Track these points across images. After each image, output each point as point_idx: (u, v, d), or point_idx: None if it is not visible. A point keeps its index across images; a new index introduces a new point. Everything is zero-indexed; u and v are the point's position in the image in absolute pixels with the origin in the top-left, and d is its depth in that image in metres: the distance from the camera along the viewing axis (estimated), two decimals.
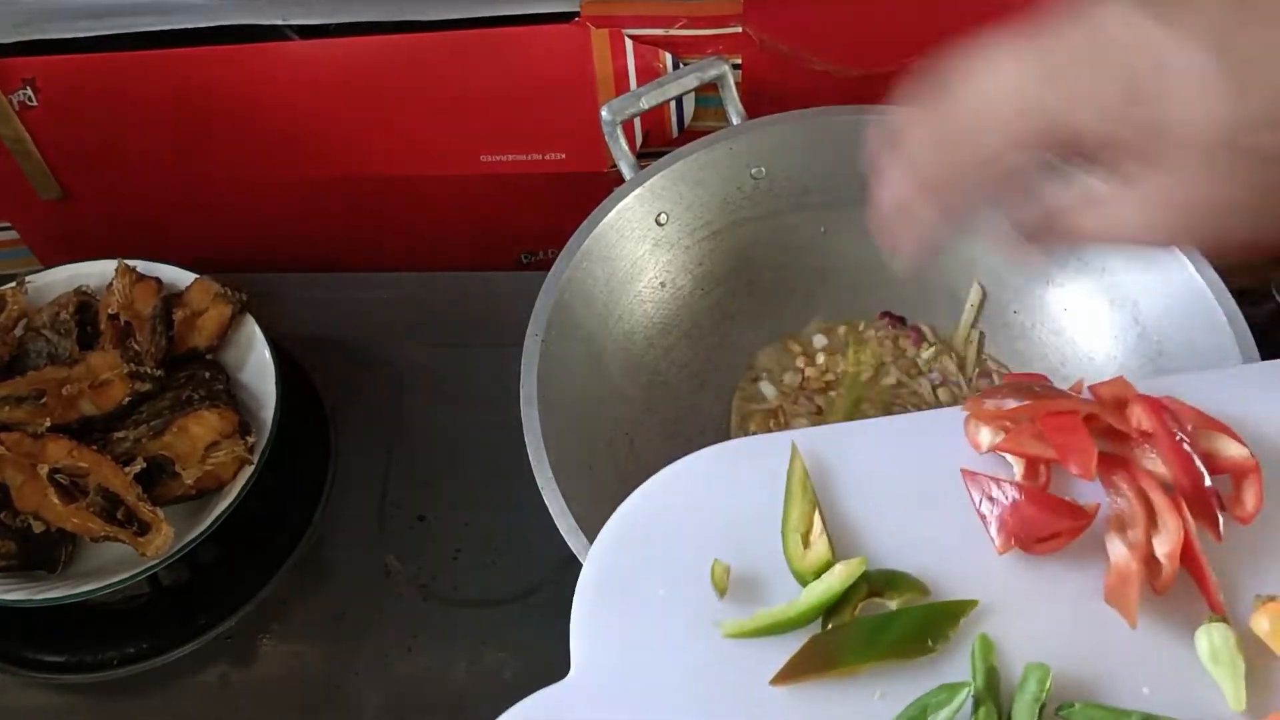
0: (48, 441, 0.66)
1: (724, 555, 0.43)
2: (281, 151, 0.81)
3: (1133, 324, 0.66)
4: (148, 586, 0.69)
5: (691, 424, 0.71)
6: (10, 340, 0.73)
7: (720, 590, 0.43)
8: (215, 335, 0.73)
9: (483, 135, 0.80)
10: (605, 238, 0.67)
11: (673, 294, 0.72)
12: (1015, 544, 0.43)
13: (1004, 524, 0.43)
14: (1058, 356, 0.70)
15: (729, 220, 0.72)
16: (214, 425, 0.67)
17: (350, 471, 0.73)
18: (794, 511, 0.44)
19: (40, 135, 0.79)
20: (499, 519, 0.70)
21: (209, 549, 0.67)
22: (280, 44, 0.74)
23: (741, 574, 0.43)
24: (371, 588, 0.68)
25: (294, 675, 0.65)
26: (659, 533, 0.45)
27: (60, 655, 0.67)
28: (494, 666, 0.65)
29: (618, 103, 0.69)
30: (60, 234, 0.87)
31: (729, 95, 0.70)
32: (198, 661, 0.66)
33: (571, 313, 0.65)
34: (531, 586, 0.68)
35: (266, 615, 0.68)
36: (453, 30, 0.73)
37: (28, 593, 0.63)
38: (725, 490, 0.46)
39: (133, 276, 0.74)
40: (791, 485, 0.45)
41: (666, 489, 0.47)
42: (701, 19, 0.73)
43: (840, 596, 0.41)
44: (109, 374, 0.69)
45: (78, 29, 0.73)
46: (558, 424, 0.60)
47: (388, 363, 0.79)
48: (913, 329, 0.74)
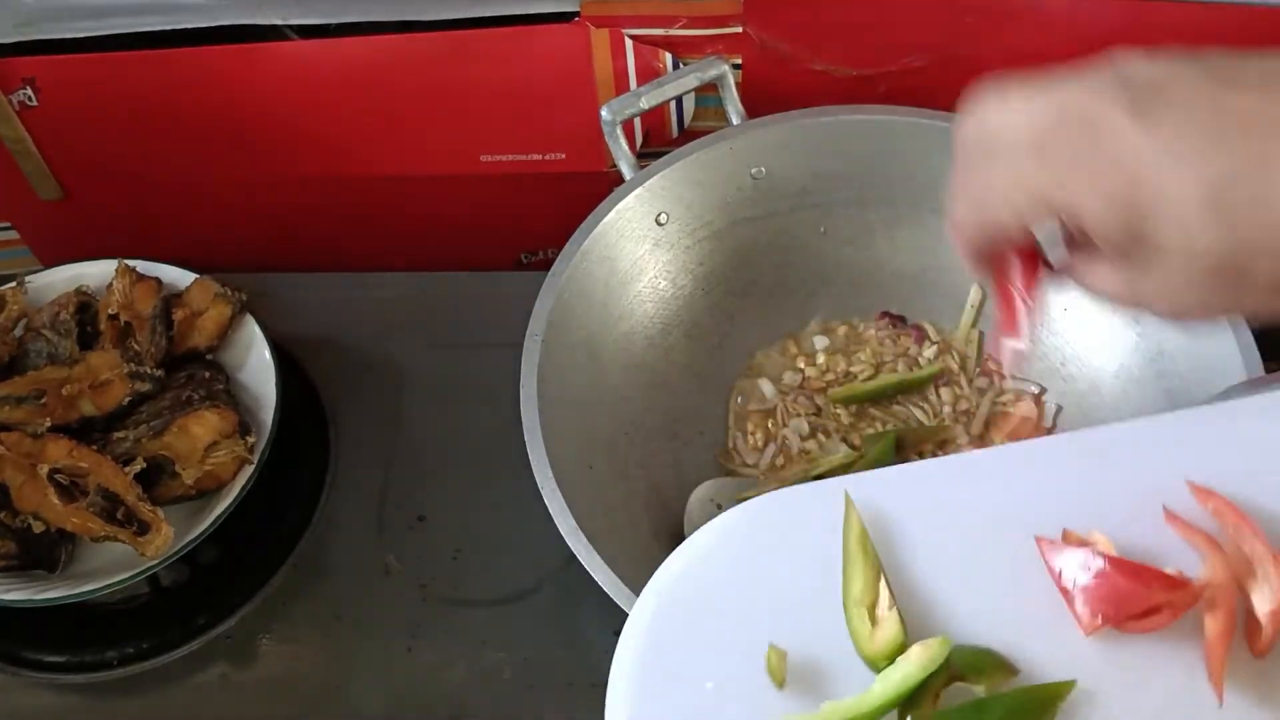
0: (48, 441, 0.66)
1: (779, 636, 0.38)
2: (281, 151, 0.81)
3: (1133, 323, 0.66)
4: (148, 586, 0.69)
5: (691, 424, 0.71)
6: (10, 340, 0.73)
7: (778, 682, 0.37)
8: (215, 335, 0.73)
9: (483, 135, 0.80)
10: (605, 238, 0.67)
11: (673, 294, 0.72)
12: (1105, 622, 0.37)
13: (1091, 599, 0.37)
14: (1058, 356, 0.71)
15: (729, 220, 0.72)
16: (214, 425, 0.67)
17: (350, 471, 0.73)
18: (856, 581, 0.39)
19: (40, 135, 0.79)
20: (499, 519, 0.70)
21: (209, 549, 0.68)
22: (280, 44, 0.74)
23: (801, 658, 0.38)
24: (371, 588, 0.68)
25: (294, 675, 0.65)
26: (702, 608, 0.40)
27: (60, 655, 0.67)
28: (494, 666, 0.65)
29: (618, 103, 0.69)
30: (60, 234, 0.87)
31: (729, 95, 0.70)
32: (198, 661, 0.66)
33: (571, 313, 0.65)
34: (531, 586, 0.68)
35: (266, 615, 0.68)
36: (453, 30, 0.73)
37: (28, 593, 0.63)
38: (773, 553, 0.41)
39: (133, 276, 0.74)
40: (849, 546, 0.40)
41: (707, 555, 0.41)
42: (701, 19, 0.73)
43: None
44: (109, 374, 0.69)
45: (78, 29, 0.73)
46: (558, 424, 0.60)
47: (388, 363, 0.79)
48: (914, 327, 0.74)
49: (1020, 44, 0.72)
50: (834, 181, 0.72)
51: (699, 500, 0.66)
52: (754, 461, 0.70)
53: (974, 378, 0.72)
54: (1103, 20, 0.70)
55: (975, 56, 0.73)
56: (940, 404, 0.71)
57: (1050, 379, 0.71)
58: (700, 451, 0.70)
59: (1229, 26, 0.69)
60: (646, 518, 0.65)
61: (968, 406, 0.71)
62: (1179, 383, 0.63)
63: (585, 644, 0.66)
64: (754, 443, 0.71)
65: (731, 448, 0.71)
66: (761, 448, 0.70)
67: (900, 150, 0.70)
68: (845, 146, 0.71)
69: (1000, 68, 0.71)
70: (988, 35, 0.71)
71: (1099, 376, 0.68)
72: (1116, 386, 0.67)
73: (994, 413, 0.71)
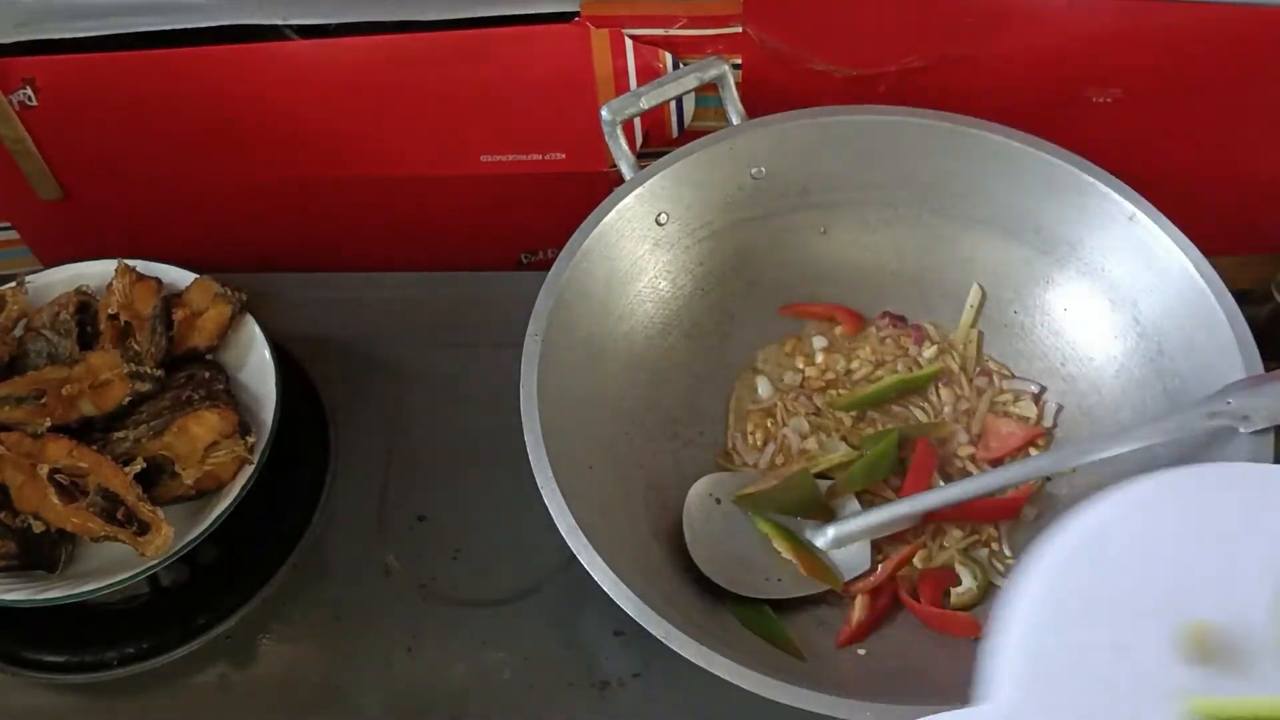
0: (48, 441, 0.66)
1: (1195, 609, 0.37)
2: (281, 151, 0.81)
3: (1133, 324, 0.66)
4: (148, 586, 0.69)
5: (691, 424, 0.71)
6: (10, 340, 0.73)
7: (1196, 655, 0.36)
8: (215, 335, 0.73)
9: (483, 135, 0.80)
10: (605, 238, 0.67)
11: (672, 294, 0.72)
12: None
13: None
14: (1058, 356, 0.71)
15: (729, 220, 0.72)
16: (214, 425, 0.67)
17: (350, 471, 0.73)
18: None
19: (40, 135, 0.79)
20: (499, 519, 0.70)
21: (209, 549, 0.67)
22: (280, 44, 0.74)
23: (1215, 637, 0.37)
24: (371, 588, 0.68)
25: (294, 675, 0.65)
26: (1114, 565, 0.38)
27: (60, 655, 0.67)
28: (494, 666, 0.65)
29: (618, 103, 0.69)
30: (60, 234, 0.87)
31: (729, 95, 0.70)
32: (198, 661, 0.66)
33: (571, 313, 0.65)
34: (531, 586, 0.68)
35: (266, 615, 0.68)
36: (453, 30, 0.73)
37: (28, 593, 0.63)
38: (1198, 527, 0.39)
39: (133, 276, 0.74)
40: None
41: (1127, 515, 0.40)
42: (701, 19, 0.73)
43: None
44: (109, 374, 0.68)
45: (78, 29, 0.73)
46: (558, 424, 0.60)
47: (388, 363, 0.79)
48: (914, 327, 0.74)
49: (1020, 44, 0.72)
50: (834, 181, 0.72)
51: (697, 495, 0.66)
52: (754, 461, 0.70)
53: (974, 377, 0.72)
54: (1102, 20, 0.70)
55: (975, 56, 0.73)
56: (940, 404, 0.71)
57: (1050, 379, 0.71)
58: (700, 451, 0.70)
59: (1229, 27, 0.70)
60: (646, 518, 0.65)
61: (968, 406, 0.71)
62: (1179, 383, 0.63)
63: (585, 644, 0.66)
64: (754, 442, 0.71)
65: (731, 448, 0.71)
66: (761, 447, 0.70)
67: (900, 150, 0.70)
68: (845, 146, 0.71)
69: (1000, 68, 0.71)
70: (988, 35, 0.71)
71: (1099, 376, 0.68)
72: (1116, 386, 0.67)
73: (993, 410, 0.71)
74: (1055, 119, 0.74)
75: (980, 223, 0.71)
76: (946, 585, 0.64)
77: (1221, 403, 0.57)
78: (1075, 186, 0.66)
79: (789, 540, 0.64)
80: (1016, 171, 0.68)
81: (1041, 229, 0.69)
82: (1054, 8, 0.70)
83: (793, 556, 0.64)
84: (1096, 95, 0.75)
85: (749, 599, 0.63)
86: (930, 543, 0.66)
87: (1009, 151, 0.68)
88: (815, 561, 0.64)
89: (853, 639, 0.62)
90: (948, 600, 0.64)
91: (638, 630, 0.52)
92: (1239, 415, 0.57)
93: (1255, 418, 0.56)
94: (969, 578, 0.64)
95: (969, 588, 0.64)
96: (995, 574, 0.65)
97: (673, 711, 0.63)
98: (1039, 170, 0.67)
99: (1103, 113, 0.76)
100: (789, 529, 0.65)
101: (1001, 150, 0.68)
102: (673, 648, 0.52)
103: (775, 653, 0.61)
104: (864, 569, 0.64)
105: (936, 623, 0.62)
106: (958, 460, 0.69)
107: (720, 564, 0.64)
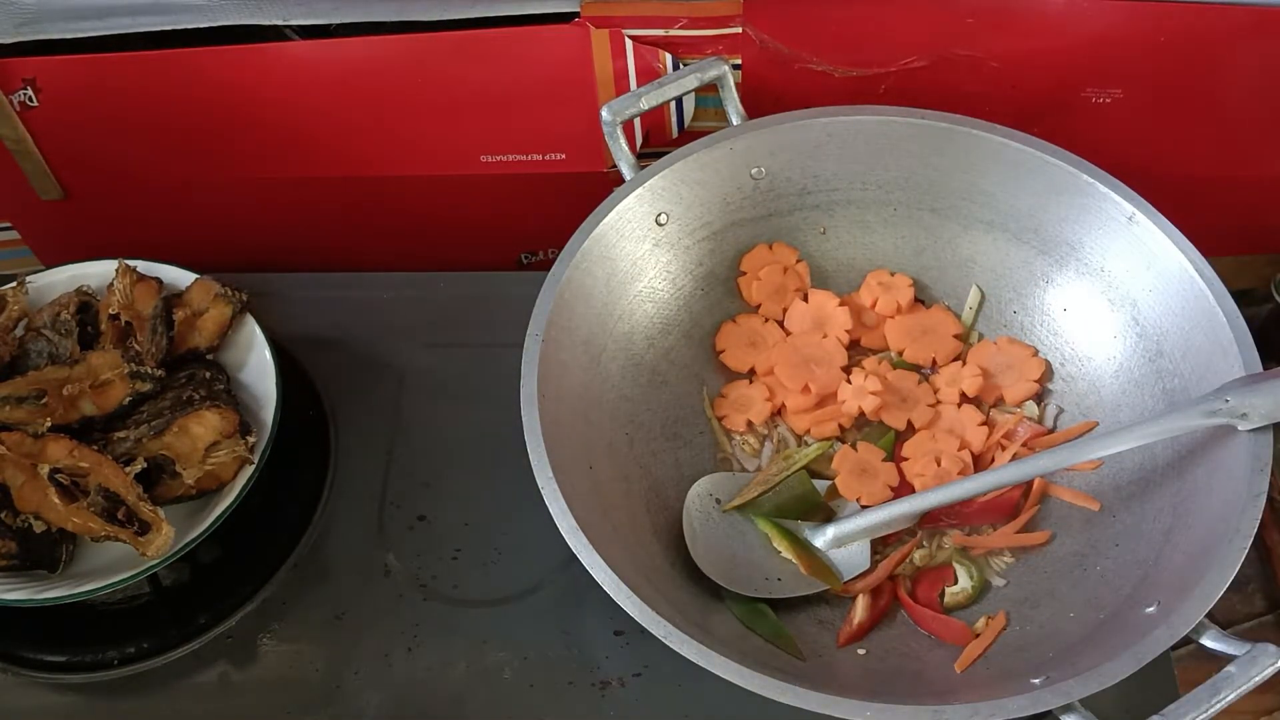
0: (48, 441, 0.66)
1: None
2: (281, 151, 0.81)
3: (1133, 324, 0.67)
4: (148, 586, 0.69)
5: (691, 424, 0.71)
6: (11, 340, 0.73)
7: None
8: (215, 335, 0.73)
9: (483, 135, 0.80)
10: (605, 238, 0.67)
11: (672, 294, 0.72)
12: None
13: None
14: (1057, 356, 0.71)
15: (729, 220, 0.72)
16: (214, 425, 0.67)
17: (350, 471, 0.73)
18: None
19: (40, 135, 0.79)
20: (499, 519, 0.70)
21: (209, 549, 0.68)
22: (280, 44, 0.74)
23: None
24: (371, 588, 0.68)
25: (294, 675, 0.65)
26: None
27: (60, 655, 0.67)
28: (494, 666, 0.65)
29: (618, 103, 0.69)
30: (60, 234, 0.87)
31: (729, 95, 0.71)
32: (198, 661, 0.66)
33: (571, 313, 0.65)
34: (531, 586, 0.68)
35: (266, 615, 0.68)
36: (453, 30, 0.73)
37: (28, 593, 0.63)
38: None
39: (133, 276, 0.74)
40: None
41: None
42: (701, 19, 0.73)
43: None
44: (109, 374, 0.69)
45: (78, 29, 0.73)
46: (558, 424, 0.60)
47: (388, 363, 0.79)
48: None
49: (1020, 44, 0.72)
50: (834, 181, 0.72)
51: (697, 495, 0.66)
52: (753, 467, 0.70)
53: None
54: (1102, 20, 0.70)
55: (975, 56, 0.73)
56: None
57: (1050, 379, 0.71)
58: (700, 451, 0.70)
59: (1229, 27, 0.70)
60: (646, 518, 0.65)
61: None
62: (1178, 383, 0.63)
63: (585, 644, 0.66)
64: (749, 448, 0.71)
65: (731, 448, 0.71)
66: (760, 447, 0.71)
67: (900, 150, 0.70)
68: (845, 146, 0.71)
69: (1000, 68, 0.71)
70: (988, 35, 0.71)
71: (1099, 376, 0.69)
72: (1116, 386, 0.67)
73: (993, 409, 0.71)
74: (1055, 119, 0.74)
75: (980, 223, 0.71)
76: (943, 585, 0.64)
77: (1219, 401, 0.57)
78: (1075, 186, 0.66)
79: (789, 540, 0.65)
80: (1016, 171, 0.68)
81: (1041, 229, 0.69)
82: (1054, 8, 0.70)
83: (793, 556, 0.64)
84: (1096, 95, 0.75)
85: (749, 598, 0.63)
86: (929, 542, 0.66)
87: (1009, 151, 0.68)
88: (815, 561, 0.64)
89: (852, 639, 0.62)
90: (942, 599, 0.64)
91: (638, 630, 0.52)
92: (1236, 413, 0.57)
93: (1253, 415, 0.56)
94: (965, 577, 0.64)
95: (964, 588, 0.64)
96: (991, 573, 0.65)
97: (673, 711, 0.63)
98: (1039, 170, 0.67)
99: (1103, 113, 0.76)
100: (789, 529, 0.65)
101: (1001, 150, 0.68)
102: (673, 648, 0.52)
103: (775, 652, 0.61)
104: (863, 568, 0.64)
105: (930, 626, 0.62)
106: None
107: (720, 564, 0.64)
